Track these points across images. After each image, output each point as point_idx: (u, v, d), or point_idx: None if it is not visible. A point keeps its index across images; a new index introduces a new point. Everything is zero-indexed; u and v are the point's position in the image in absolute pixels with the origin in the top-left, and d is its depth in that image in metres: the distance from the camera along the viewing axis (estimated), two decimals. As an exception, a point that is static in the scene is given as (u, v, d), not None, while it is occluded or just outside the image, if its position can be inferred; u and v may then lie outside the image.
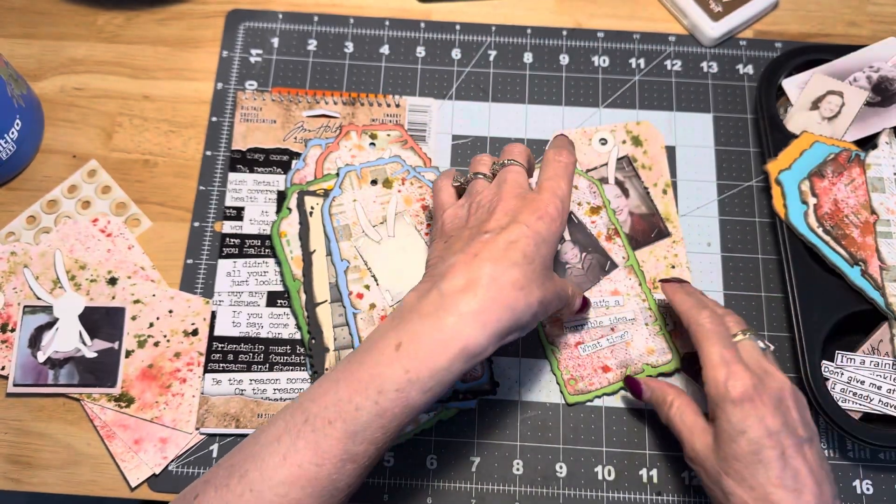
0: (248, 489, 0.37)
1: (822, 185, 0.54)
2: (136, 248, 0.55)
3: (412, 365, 0.38)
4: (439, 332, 0.38)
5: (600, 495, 0.50)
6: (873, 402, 0.49)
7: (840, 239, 0.52)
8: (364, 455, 0.38)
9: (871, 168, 0.53)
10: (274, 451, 0.38)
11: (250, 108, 0.59)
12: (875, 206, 0.53)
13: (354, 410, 0.38)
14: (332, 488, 0.38)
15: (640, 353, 0.53)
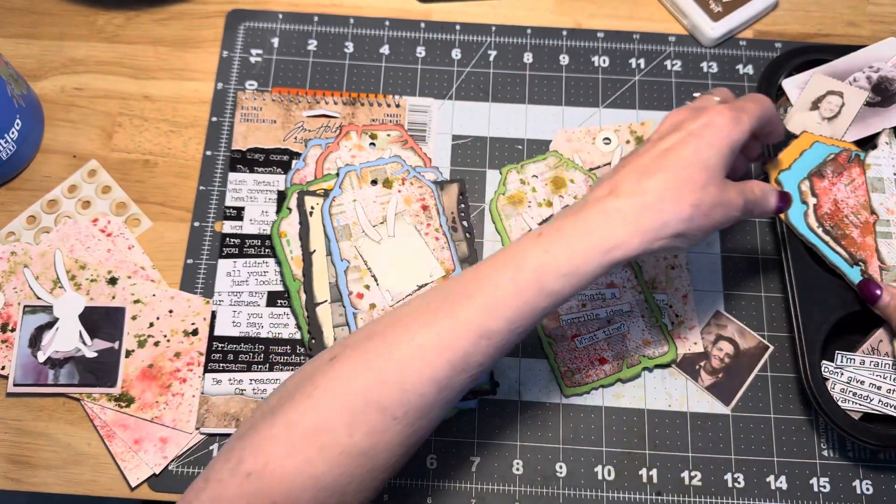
0: (387, 349, 0.38)
1: (821, 185, 0.54)
2: (136, 248, 0.55)
3: (551, 247, 0.39)
4: (582, 223, 0.40)
5: (600, 495, 0.50)
6: (873, 402, 0.49)
7: (840, 239, 0.52)
8: (498, 334, 0.39)
9: (870, 168, 0.53)
10: (414, 319, 0.39)
11: (250, 108, 0.59)
12: (875, 207, 0.53)
13: (493, 287, 0.39)
14: (466, 363, 0.38)
15: (637, 344, 0.53)
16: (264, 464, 0.36)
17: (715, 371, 0.53)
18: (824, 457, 0.51)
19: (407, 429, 0.38)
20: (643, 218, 0.40)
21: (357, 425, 0.37)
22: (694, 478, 0.51)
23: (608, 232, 0.39)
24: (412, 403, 0.38)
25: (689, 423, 0.52)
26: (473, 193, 0.58)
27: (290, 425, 0.37)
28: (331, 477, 0.37)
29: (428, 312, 0.39)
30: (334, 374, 0.38)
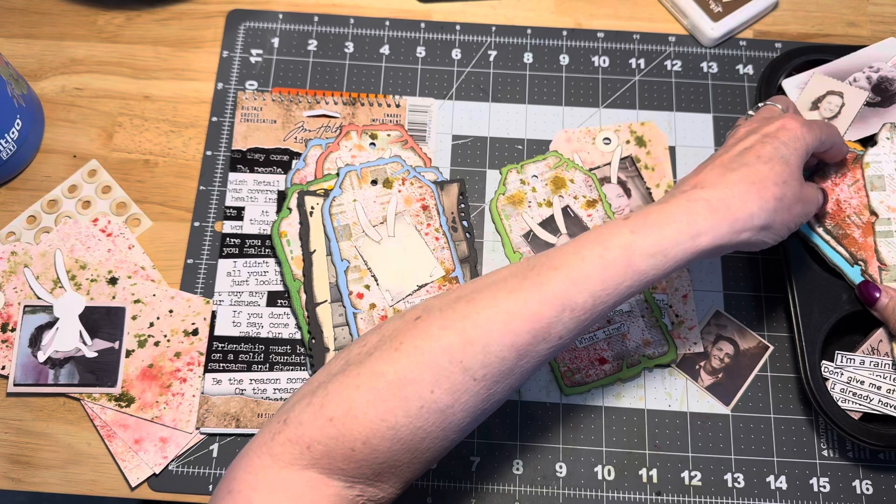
0: (474, 311, 0.39)
1: (824, 184, 0.54)
2: (136, 248, 0.55)
3: (638, 227, 0.40)
4: (669, 210, 0.41)
5: (600, 495, 0.50)
6: (873, 402, 0.49)
7: (841, 239, 0.52)
8: (582, 307, 0.39)
9: (869, 167, 0.53)
10: (500, 286, 0.40)
11: (251, 108, 0.59)
12: (874, 206, 0.52)
13: (580, 260, 0.40)
14: (547, 333, 0.39)
15: (637, 344, 0.53)
16: (347, 409, 0.38)
17: (715, 371, 0.53)
18: (824, 457, 0.51)
19: (485, 391, 0.39)
20: (730, 207, 0.41)
21: (439, 382, 0.38)
22: (694, 478, 0.51)
23: (695, 219, 0.40)
24: (493, 366, 0.38)
25: (689, 423, 0.52)
26: (473, 193, 0.58)
27: (375, 375, 0.38)
28: (409, 430, 0.38)
29: (514, 280, 0.40)
30: (420, 331, 0.39)
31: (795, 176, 0.43)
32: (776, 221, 0.42)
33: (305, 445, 0.38)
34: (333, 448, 0.37)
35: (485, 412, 0.40)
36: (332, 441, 0.37)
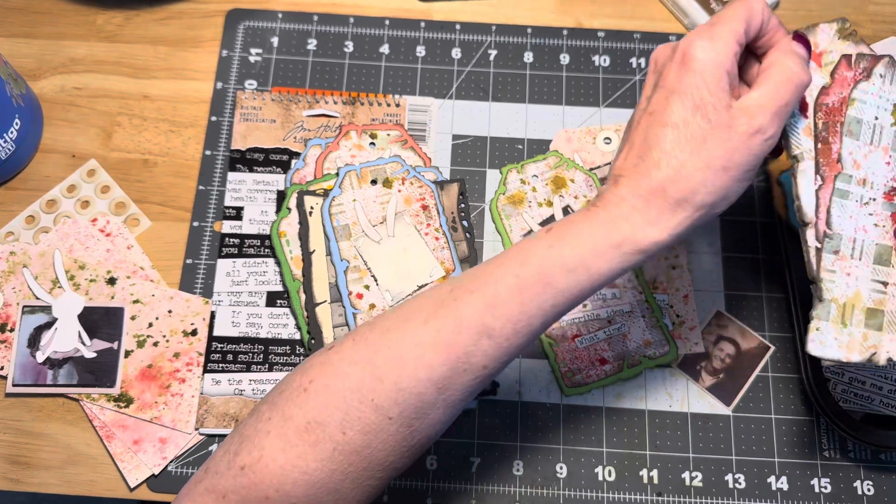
0: (386, 345, 0.37)
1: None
2: (135, 248, 0.55)
3: (556, 242, 0.37)
4: (592, 216, 0.38)
5: (600, 496, 0.50)
6: (874, 402, 0.49)
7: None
8: (501, 333, 0.37)
9: (853, 104, 0.43)
10: (416, 314, 0.38)
11: (250, 107, 0.59)
12: (843, 154, 0.42)
13: (494, 282, 0.37)
14: (466, 363, 0.37)
15: (638, 345, 0.53)
16: (258, 458, 0.36)
17: (716, 371, 0.53)
18: (825, 457, 0.51)
19: (405, 429, 0.37)
20: (651, 205, 0.37)
21: (350, 423, 0.36)
22: (695, 478, 0.51)
23: (616, 225, 0.37)
24: (408, 403, 0.37)
25: (689, 424, 0.52)
26: (473, 193, 0.57)
27: (284, 419, 0.37)
28: (323, 473, 0.36)
29: (430, 308, 0.38)
30: (331, 368, 0.38)
31: (723, 120, 0.36)
32: (717, 189, 0.36)
33: (221, 495, 0.36)
34: (247, 497, 0.36)
35: (418, 446, 0.38)
36: (245, 490, 0.36)
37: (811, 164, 0.40)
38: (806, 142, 0.40)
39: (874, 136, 0.43)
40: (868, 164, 0.42)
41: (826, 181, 0.42)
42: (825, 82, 0.40)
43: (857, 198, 0.42)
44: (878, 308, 0.41)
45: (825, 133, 0.42)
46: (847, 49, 0.41)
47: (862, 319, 0.41)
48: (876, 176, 0.42)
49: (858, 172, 0.42)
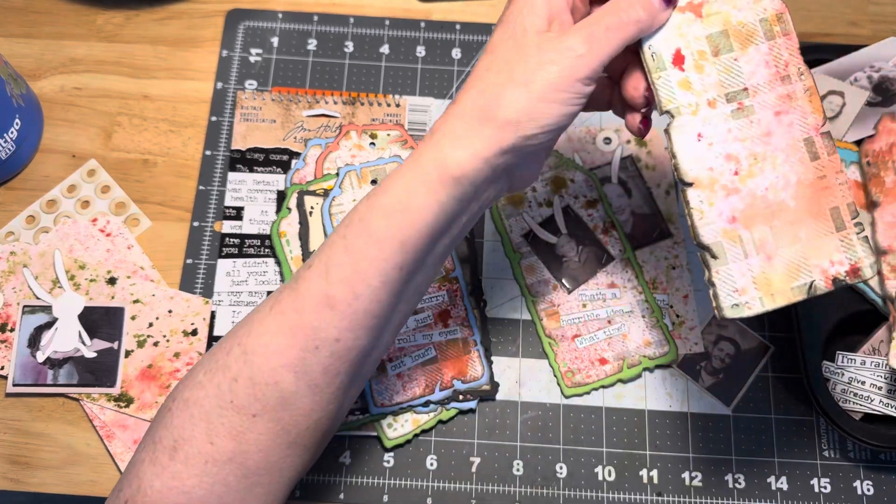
0: (236, 343, 0.37)
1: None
2: (135, 248, 0.55)
3: (378, 190, 0.36)
4: (409, 158, 0.36)
5: (600, 496, 0.50)
6: (874, 402, 0.49)
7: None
8: (342, 299, 0.35)
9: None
10: (264, 306, 0.37)
11: (250, 107, 0.59)
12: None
13: (327, 247, 0.36)
14: (315, 338, 0.35)
15: (637, 345, 0.53)
16: (137, 488, 0.36)
17: (716, 371, 0.53)
18: (825, 457, 0.51)
19: (273, 424, 0.36)
20: (457, 127, 0.35)
21: (215, 430, 0.36)
22: (695, 478, 0.51)
23: (424, 154, 0.35)
24: (269, 396, 0.35)
25: (689, 424, 0.52)
26: (473, 193, 0.57)
27: (154, 444, 0.36)
28: (203, 489, 0.36)
29: (276, 295, 0.37)
30: (189, 381, 0.37)
31: (530, 41, 0.35)
32: (527, 103, 0.34)
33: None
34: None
35: (299, 444, 0.37)
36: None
37: (689, 119, 0.37)
38: (682, 95, 0.38)
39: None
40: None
41: (882, 205, 0.50)
42: (709, 32, 0.38)
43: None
44: None
45: (875, 169, 0.52)
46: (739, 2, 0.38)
47: None
48: None
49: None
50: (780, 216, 0.37)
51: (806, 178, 0.37)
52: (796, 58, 0.38)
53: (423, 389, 0.51)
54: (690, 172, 0.37)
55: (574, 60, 0.34)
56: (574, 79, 0.34)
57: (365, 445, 0.51)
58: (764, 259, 0.37)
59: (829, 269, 0.37)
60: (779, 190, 0.37)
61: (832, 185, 0.37)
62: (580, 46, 0.34)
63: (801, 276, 0.37)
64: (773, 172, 0.37)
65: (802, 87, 0.38)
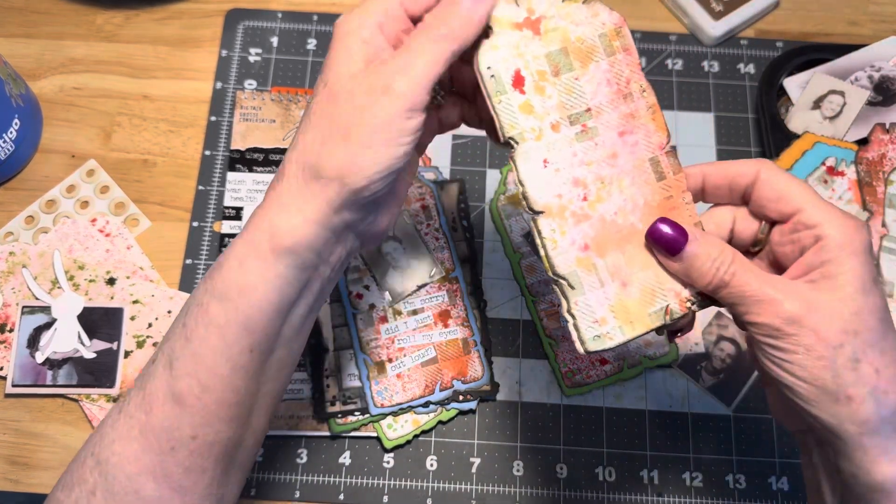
0: (89, 453, 0.34)
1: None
2: (134, 248, 0.55)
3: (214, 267, 0.34)
4: (240, 235, 0.34)
5: (601, 496, 0.50)
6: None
7: None
8: (190, 393, 0.33)
9: (892, 185, 0.53)
10: (113, 410, 0.35)
11: (249, 107, 0.59)
12: (888, 222, 0.52)
13: (169, 338, 0.34)
14: (170, 439, 0.33)
15: (638, 345, 0.53)
16: None
17: (716, 372, 0.53)
18: (826, 458, 0.51)
19: None
20: (284, 191, 0.32)
21: None
22: (695, 479, 0.51)
23: (255, 225, 0.33)
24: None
25: (690, 424, 0.52)
26: (473, 193, 0.57)
27: None
28: None
29: (126, 398, 0.35)
30: (50, 501, 0.35)
31: (343, 87, 0.32)
32: (346, 154, 0.31)
33: None
34: None
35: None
36: None
37: (534, 144, 0.35)
38: (525, 120, 0.35)
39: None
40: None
41: (874, 215, 0.52)
42: (548, 50, 0.35)
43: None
44: None
45: (868, 179, 0.53)
46: (576, 14, 0.36)
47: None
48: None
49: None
50: (632, 240, 0.35)
51: (653, 199, 0.36)
52: (637, 74, 0.36)
53: (423, 390, 0.51)
54: (539, 201, 0.35)
55: (388, 98, 0.31)
56: (393, 117, 0.31)
57: (365, 446, 0.51)
58: (619, 286, 0.35)
59: (682, 292, 0.35)
60: (627, 213, 0.35)
61: (679, 205, 0.36)
62: (393, 80, 0.31)
63: (657, 300, 0.35)
64: (621, 195, 0.36)
65: (645, 104, 0.36)
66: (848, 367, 0.31)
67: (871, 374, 0.31)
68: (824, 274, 0.32)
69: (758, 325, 0.32)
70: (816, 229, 0.33)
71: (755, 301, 0.32)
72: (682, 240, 0.34)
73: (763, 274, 0.33)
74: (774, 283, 0.32)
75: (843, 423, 0.31)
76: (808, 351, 0.31)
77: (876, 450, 0.31)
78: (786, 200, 0.34)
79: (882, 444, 0.31)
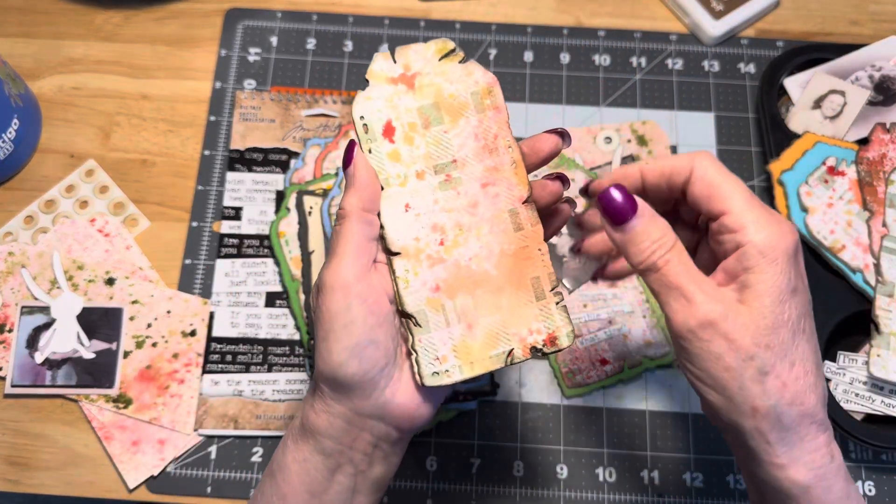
0: None
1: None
2: (134, 248, 0.55)
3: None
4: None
5: (601, 497, 0.50)
6: (875, 402, 0.49)
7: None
8: None
9: (893, 184, 0.53)
10: None
11: (249, 107, 0.59)
12: (888, 222, 0.52)
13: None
14: None
15: (638, 345, 0.53)
16: None
17: (716, 372, 0.53)
18: (826, 458, 0.51)
19: None
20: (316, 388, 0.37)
21: None
22: (696, 479, 0.50)
23: (302, 409, 0.37)
24: None
25: (690, 425, 0.52)
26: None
27: None
28: None
29: None
30: None
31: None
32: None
33: None
34: None
35: None
36: None
37: (397, 190, 0.37)
38: (392, 167, 0.37)
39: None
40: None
41: (875, 215, 0.52)
42: (420, 104, 0.37)
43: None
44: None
45: (868, 178, 0.53)
46: (452, 72, 0.38)
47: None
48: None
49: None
50: (483, 285, 0.37)
51: (509, 248, 0.37)
52: (505, 131, 0.37)
53: (423, 390, 0.51)
54: (397, 242, 0.37)
55: (329, 294, 0.35)
56: (340, 301, 0.34)
57: (364, 446, 0.51)
58: (465, 328, 0.36)
59: (528, 338, 0.37)
60: (482, 259, 0.37)
61: (534, 256, 0.37)
62: (325, 278, 0.35)
63: (500, 344, 0.36)
64: (478, 242, 0.37)
65: (510, 159, 0.37)
66: (755, 379, 0.31)
67: (778, 387, 0.31)
68: (743, 283, 0.32)
69: (674, 322, 0.33)
70: (738, 234, 0.33)
71: (676, 296, 0.33)
72: (631, 212, 0.34)
73: (695, 271, 0.33)
74: (701, 283, 0.33)
75: (748, 430, 0.32)
76: (717, 360, 0.32)
77: (782, 457, 0.32)
78: (715, 200, 0.34)
79: (788, 453, 0.32)
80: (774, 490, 0.33)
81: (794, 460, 0.32)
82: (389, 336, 0.36)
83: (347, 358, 0.34)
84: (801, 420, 0.32)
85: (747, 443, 0.32)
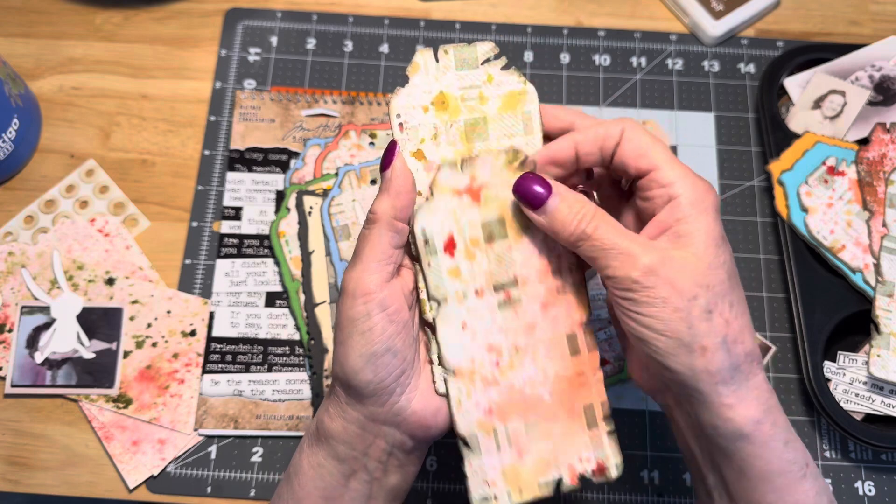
0: None
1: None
2: (134, 248, 0.55)
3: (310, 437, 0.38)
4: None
5: (601, 497, 0.50)
6: (875, 402, 0.49)
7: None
8: None
9: (893, 184, 0.53)
10: None
11: (249, 107, 0.59)
12: (888, 222, 0.52)
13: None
14: None
15: (641, 353, 0.53)
16: None
17: (716, 372, 0.53)
18: (826, 458, 0.51)
19: None
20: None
21: None
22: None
23: (318, 414, 0.38)
24: None
25: (690, 425, 0.52)
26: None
27: None
28: None
29: None
30: None
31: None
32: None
33: None
34: None
35: None
36: None
37: (455, 307, 0.36)
38: (451, 284, 0.36)
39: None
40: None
41: (875, 215, 0.52)
42: (485, 219, 0.36)
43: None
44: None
45: (868, 178, 0.53)
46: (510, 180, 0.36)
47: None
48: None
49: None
50: (536, 411, 0.36)
51: (564, 373, 0.36)
52: (569, 251, 0.36)
53: (423, 390, 0.51)
54: (452, 362, 0.36)
55: (351, 300, 0.35)
56: (360, 308, 0.35)
57: (364, 446, 0.51)
58: (515, 454, 0.36)
59: (577, 466, 0.36)
60: (537, 384, 0.36)
61: (589, 382, 0.36)
62: (348, 283, 0.35)
63: (550, 471, 0.36)
64: (533, 365, 0.36)
65: (572, 281, 0.37)
66: (702, 318, 0.33)
67: (722, 324, 0.33)
68: (678, 232, 0.34)
69: (616, 278, 0.33)
70: (669, 188, 0.34)
71: (614, 254, 0.34)
72: (546, 193, 0.35)
73: (623, 229, 0.34)
74: (633, 238, 0.34)
75: (699, 373, 0.33)
76: (664, 303, 0.33)
77: (731, 397, 0.33)
78: (645, 158, 0.35)
79: (736, 392, 0.33)
80: (725, 435, 0.33)
81: (742, 399, 0.33)
82: (408, 344, 0.36)
83: (364, 365, 0.34)
84: (744, 357, 0.33)
85: (696, 387, 0.33)
